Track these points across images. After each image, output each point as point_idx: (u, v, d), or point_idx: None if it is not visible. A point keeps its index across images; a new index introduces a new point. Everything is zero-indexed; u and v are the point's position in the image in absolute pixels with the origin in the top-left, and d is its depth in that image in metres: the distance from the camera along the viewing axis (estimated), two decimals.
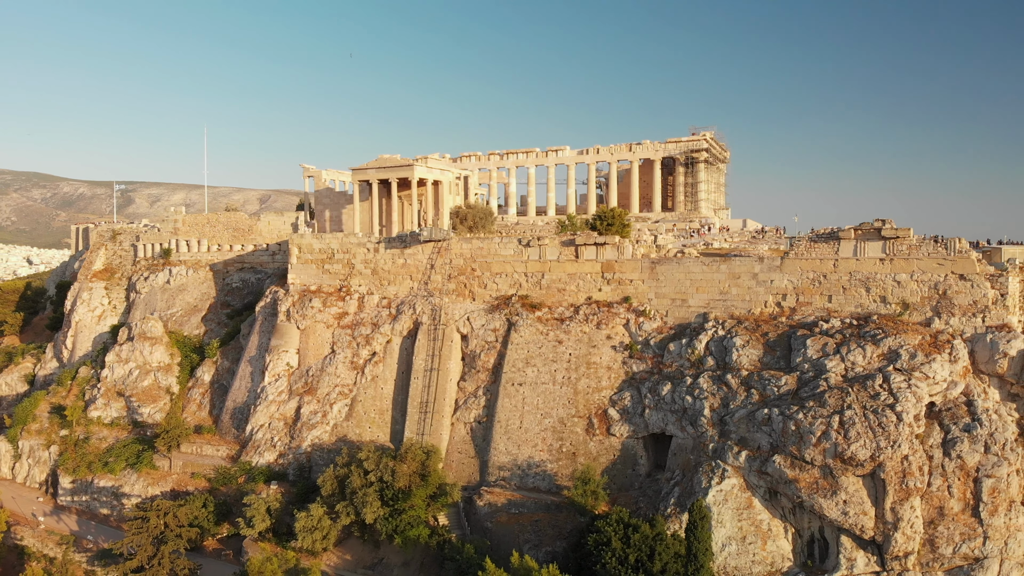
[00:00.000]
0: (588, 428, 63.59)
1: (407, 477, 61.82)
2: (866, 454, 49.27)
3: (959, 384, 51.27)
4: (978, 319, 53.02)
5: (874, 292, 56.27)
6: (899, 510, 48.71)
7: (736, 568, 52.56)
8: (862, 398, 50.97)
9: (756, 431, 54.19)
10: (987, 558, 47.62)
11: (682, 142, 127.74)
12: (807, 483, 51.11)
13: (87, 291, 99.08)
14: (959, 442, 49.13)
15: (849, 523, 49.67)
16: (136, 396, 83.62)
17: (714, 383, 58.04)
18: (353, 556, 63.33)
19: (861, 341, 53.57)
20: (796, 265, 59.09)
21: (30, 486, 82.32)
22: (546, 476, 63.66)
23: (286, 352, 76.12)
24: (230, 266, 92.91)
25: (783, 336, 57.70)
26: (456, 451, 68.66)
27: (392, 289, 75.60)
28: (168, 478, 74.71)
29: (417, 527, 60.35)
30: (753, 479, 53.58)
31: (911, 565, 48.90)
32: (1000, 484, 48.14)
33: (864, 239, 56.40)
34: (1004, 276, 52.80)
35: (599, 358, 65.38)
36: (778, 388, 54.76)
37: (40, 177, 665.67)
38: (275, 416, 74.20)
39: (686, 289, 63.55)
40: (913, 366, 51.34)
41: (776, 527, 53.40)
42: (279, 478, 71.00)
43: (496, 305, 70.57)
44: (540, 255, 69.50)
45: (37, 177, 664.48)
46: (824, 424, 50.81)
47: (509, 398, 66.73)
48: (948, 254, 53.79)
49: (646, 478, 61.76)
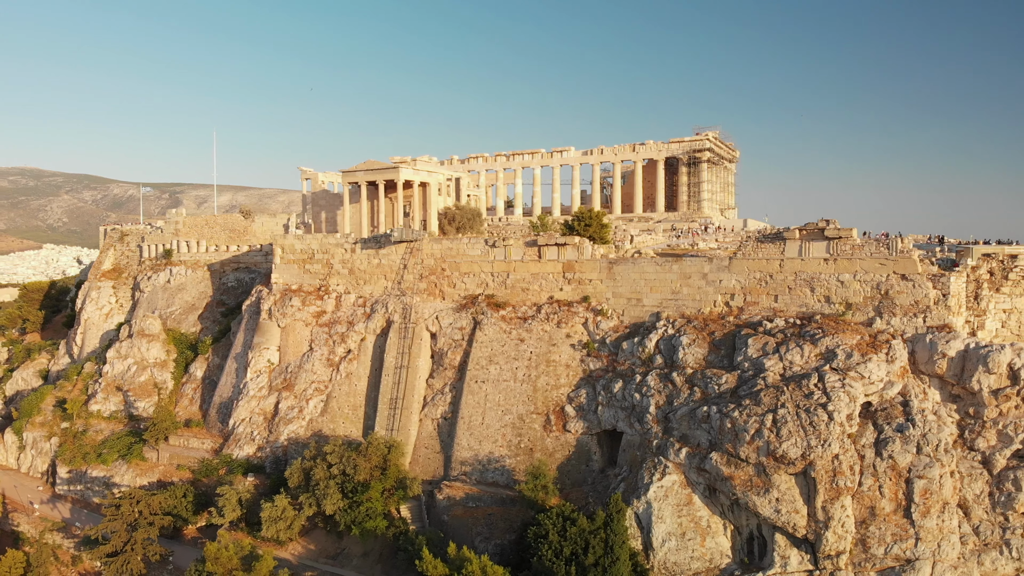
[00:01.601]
0: (546, 424, 64.72)
1: (367, 471, 63.69)
2: (797, 453, 49.52)
3: (896, 384, 51.07)
4: (919, 319, 52.70)
5: (819, 292, 56.28)
6: (830, 509, 48.84)
7: (676, 564, 53.18)
8: (796, 397, 51.18)
9: (696, 428, 54.76)
10: (919, 560, 47.46)
11: (685, 142, 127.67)
12: (742, 480, 51.53)
13: (96, 290, 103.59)
14: (891, 442, 49.06)
15: (782, 521, 49.96)
16: (132, 391, 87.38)
17: (661, 381, 58.69)
18: (317, 546, 65.49)
19: (800, 341, 53.72)
20: (744, 265, 59.35)
21: (33, 475, 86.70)
22: (504, 471, 64.95)
23: (267, 349, 78.82)
24: (226, 266, 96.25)
25: (728, 335, 58.07)
26: (423, 446, 70.39)
27: (368, 288, 77.73)
28: (155, 469, 78.00)
29: (375, 519, 62.18)
30: (693, 476, 54.14)
31: (843, 564, 48.98)
32: (932, 485, 47.92)
33: (809, 239, 56.44)
34: (946, 276, 52.37)
35: (558, 356, 66.45)
36: (719, 386, 55.20)
37: (91, 179, 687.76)
38: (255, 411, 76.91)
39: (641, 289, 64.24)
40: (849, 366, 51.34)
41: (715, 524, 53.87)
42: (257, 470, 73.59)
43: (464, 304, 72.13)
44: (505, 255, 70.83)
45: (88, 179, 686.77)
46: (758, 422, 51.18)
47: (473, 395, 68.20)
48: (890, 254, 53.55)
49: (599, 473, 62.63)
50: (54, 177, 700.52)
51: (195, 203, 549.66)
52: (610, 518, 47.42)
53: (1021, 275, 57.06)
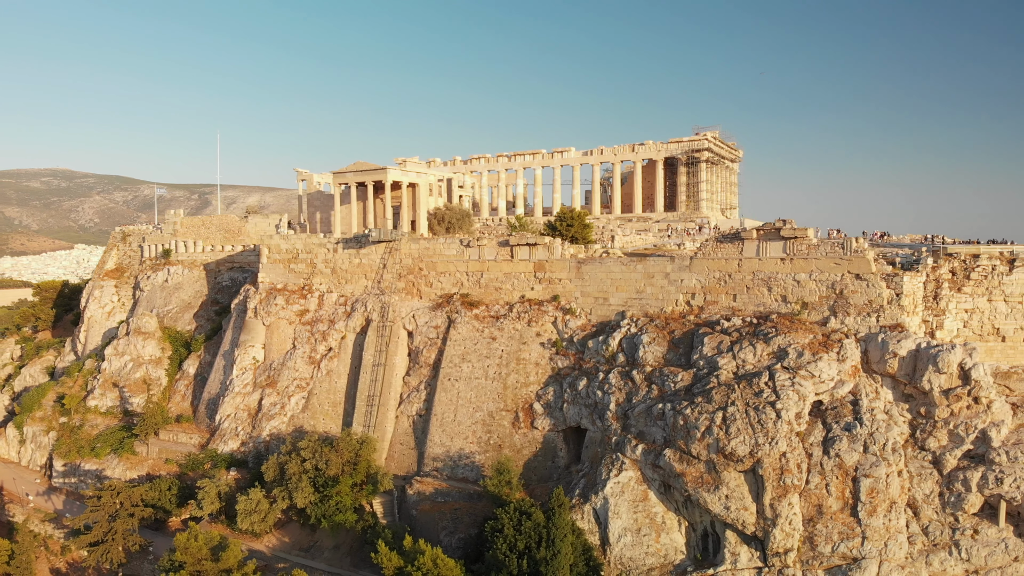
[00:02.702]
0: (514, 421, 65.58)
1: (339, 465, 65.11)
2: (745, 450, 49.88)
3: (847, 383, 51.16)
4: (872, 318, 52.68)
5: (775, 291, 56.45)
6: (777, 507, 49.14)
7: (631, 559, 53.83)
8: (746, 395, 51.52)
9: (652, 425, 55.33)
10: (865, 558, 47.54)
11: (684, 142, 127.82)
12: (693, 477, 52.00)
13: (99, 289, 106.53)
14: (839, 441, 49.23)
15: (731, 518, 50.36)
16: (128, 387, 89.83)
17: (622, 379, 59.29)
18: (291, 539, 67.07)
19: (754, 340, 53.98)
20: (704, 265, 59.70)
21: (32, 468, 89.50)
22: (474, 467, 65.92)
23: (252, 347, 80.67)
24: (221, 265, 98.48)
25: (688, 334, 58.49)
26: (399, 443, 71.65)
27: (349, 288, 79.22)
28: (145, 463, 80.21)
29: (344, 513, 63.53)
30: (648, 472, 54.71)
31: (791, 562, 49.25)
32: (879, 484, 48.00)
33: (766, 239, 56.64)
34: (899, 276, 52.30)
35: (528, 354, 67.28)
36: (675, 384, 55.69)
37: (121, 180, 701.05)
38: (240, 407, 78.76)
39: (607, 288, 64.84)
40: (799, 365, 51.55)
41: (670, 520, 54.42)
42: (240, 465, 75.37)
43: (439, 303, 73.28)
44: (479, 255, 71.82)
45: (119, 180, 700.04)
46: (708, 420, 51.61)
47: (445, 392, 69.31)
48: (845, 254, 53.59)
49: (564, 470, 63.33)
50: (86, 178, 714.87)
51: (224, 204, 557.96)
52: (551, 512, 48.24)
53: (983, 275, 56.69)
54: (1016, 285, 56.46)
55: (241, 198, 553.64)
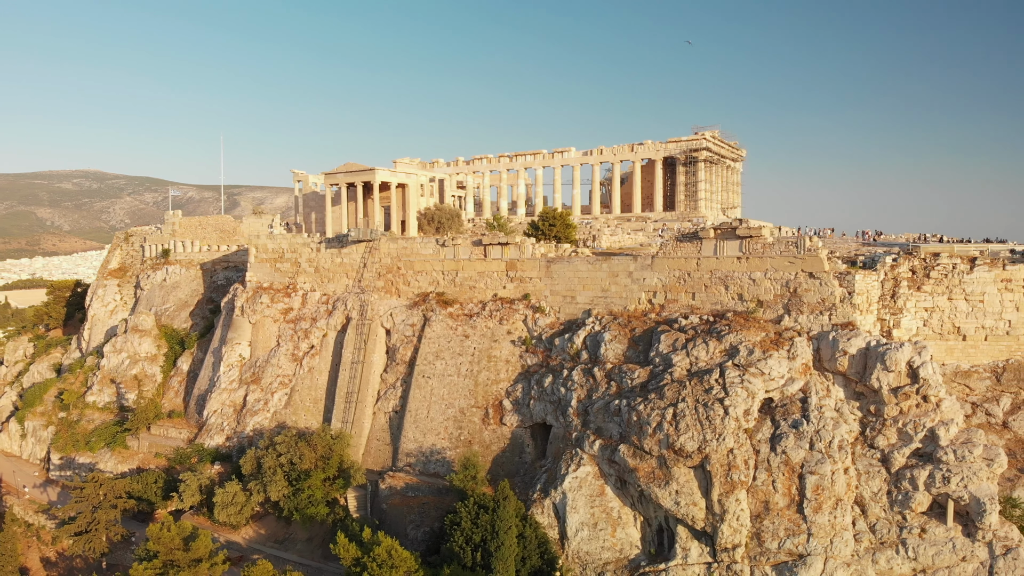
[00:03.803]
0: (484, 418, 66.55)
1: (312, 460, 66.59)
2: (694, 446, 50.34)
3: (798, 381, 51.37)
4: (825, 317, 52.79)
5: (732, 290, 56.75)
6: (725, 502, 49.52)
7: (587, 553, 54.56)
8: (697, 392, 51.96)
9: (609, 421, 55.98)
10: (810, 555, 47.72)
11: (682, 142, 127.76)
12: (645, 472, 52.56)
13: (102, 288, 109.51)
14: (785, 438, 49.47)
15: (681, 513, 50.82)
16: (124, 383, 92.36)
17: (584, 376, 59.97)
18: (267, 531, 68.70)
19: (708, 337, 54.38)
20: (665, 264, 60.15)
21: (32, 461, 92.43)
22: (445, 463, 67.00)
23: (239, 344, 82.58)
24: (217, 265, 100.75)
25: (647, 332, 59.00)
26: (375, 438, 72.97)
27: (331, 286, 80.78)
28: (136, 457, 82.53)
29: (316, 506, 65.01)
30: (605, 467, 55.36)
31: (739, 558, 49.57)
32: (824, 482, 48.16)
33: (723, 238, 56.97)
34: (851, 274, 52.35)
35: (499, 352, 68.19)
36: (631, 380, 56.27)
37: (151, 181, 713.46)
38: (226, 403, 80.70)
39: (574, 287, 65.55)
40: (750, 362, 51.85)
41: (626, 515, 55.03)
42: (225, 459, 77.26)
43: (416, 302, 74.48)
44: (455, 255, 72.89)
45: (149, 181, 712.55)
46: (660, 416, 52.13)
47: (419, 389, 70.48)
48: (799, 252, 53.77)
49: (530, 465, 64.12)
50: (117, 180, 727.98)
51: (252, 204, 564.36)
52: (496, 504, 49.16)
53: (943, 274, 56.41)
54: (977, 284, 56.11)
55: (269, 199, 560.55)
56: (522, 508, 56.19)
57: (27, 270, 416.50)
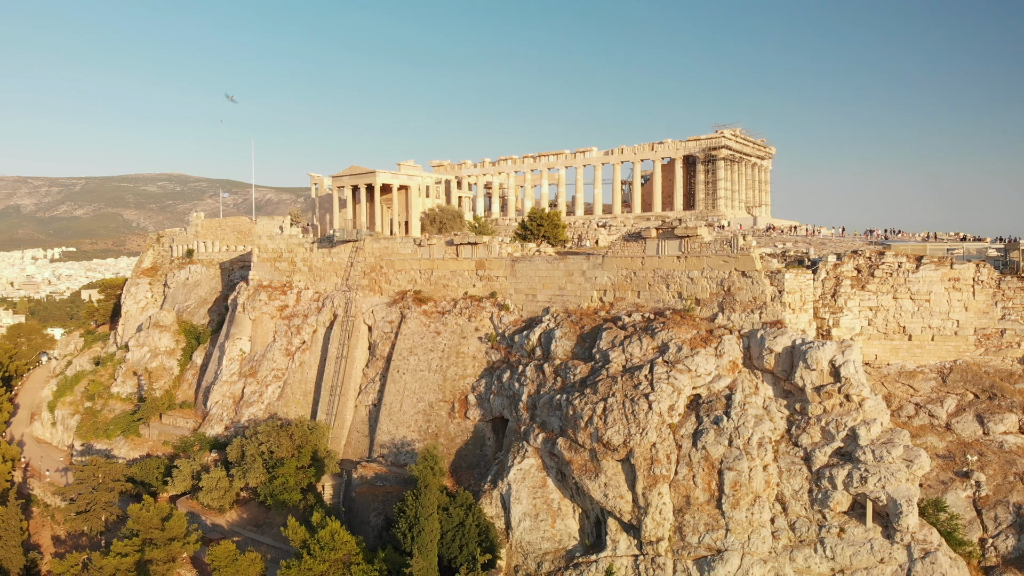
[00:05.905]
0: (451, 412, 68.88)
1: (289, 449, 70.25)
2: (620, 439, 51.43)
3: (725, 378, 51.82)
4: (756, 315, 52.96)
5: (673, 288, 57.38)
6: (649, 496, 50.44)
7: (529, 543, 56.23)
8: (626, 387, 52.99)
9: (552, 415, 57.47)
10: (727, 550, 48.21)
11: (702, 140, 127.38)
12: (579, 464, 53.92)
13: (135, 286, 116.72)
14: (706, 433, 50.09)
15: (610, 505, 51.99)
16: (144, 375, 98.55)
17: (536, 371, 61.60)
18: (249, 516, 72.72)
19: (643, 334, 55.27)
20: (613, 263, 61.15)
21: (60, 448, 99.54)
22: (413, 454, 69.44)
23: (240, 339, 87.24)
24: (234, 264, 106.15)
25: (594, 329, 60.16)
26: (356, 430, 76.22)
27: (323, 284, 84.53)
28: (146, 444, 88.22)
29: (290, 492, 68.63)
30: (547, 460, 56.92)
31: (663, 551, 50.39)
32: (741, 478, 48.56)
33: (664, 238, 57.66)
34: (781, 273, 52.39)
35: (467, 348, 70.40)
36: (574, 376, 57.63)
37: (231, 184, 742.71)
38: (226, 395, 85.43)
39: (536, 285, 67.17)
40: (679, 359, 52.55)
41: (566, 507, 56.46)
42: (222, 447, 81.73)
43: (395, 299, 77.40)
44: (430, 254, 75.46)
45: (229, 184, 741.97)
46: (591, 410, 53.39)
47: (394, 383, 73.35)
48: (732, 252, 54.07)
49: (490, 458, 66.11)
50: (198, 182, 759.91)
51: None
52: (418, 491, 51.37)
53: (888, 272, 55.57)
54: (923, 283, 55.09)
55: None
56: (471, 498, 58.39)
57: (112, 269, 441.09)
